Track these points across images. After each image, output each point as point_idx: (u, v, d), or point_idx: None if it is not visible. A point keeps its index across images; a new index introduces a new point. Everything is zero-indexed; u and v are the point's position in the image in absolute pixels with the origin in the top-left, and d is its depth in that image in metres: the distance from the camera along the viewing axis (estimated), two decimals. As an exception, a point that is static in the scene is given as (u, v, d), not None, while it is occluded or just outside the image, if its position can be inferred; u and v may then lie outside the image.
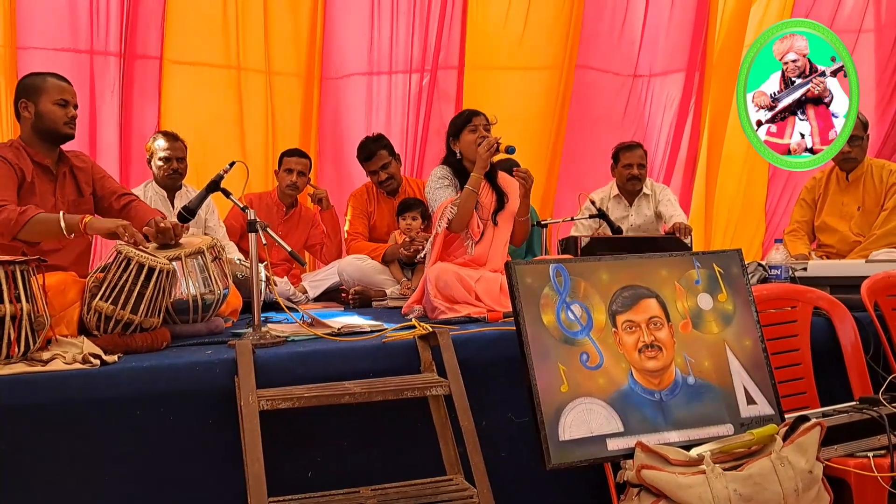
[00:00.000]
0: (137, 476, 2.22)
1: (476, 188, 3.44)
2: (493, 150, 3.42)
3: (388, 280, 4.39)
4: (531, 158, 5.75)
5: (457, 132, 3.60)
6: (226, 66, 5.35)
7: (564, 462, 1.98)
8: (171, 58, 5.15)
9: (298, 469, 2.38)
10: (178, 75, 5.20)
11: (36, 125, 3.01)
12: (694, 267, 2.29)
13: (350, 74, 5.64)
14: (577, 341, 2.09)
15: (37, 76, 3.09)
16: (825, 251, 4.39)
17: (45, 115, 3.00)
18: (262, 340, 2.53)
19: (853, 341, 2.83)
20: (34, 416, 2.14)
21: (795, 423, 2.06)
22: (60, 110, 3.01)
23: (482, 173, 3.46)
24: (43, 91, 3.01)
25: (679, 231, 4.37)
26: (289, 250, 2.84)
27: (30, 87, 3.03)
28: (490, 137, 3.46)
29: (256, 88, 5.43)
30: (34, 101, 3.00)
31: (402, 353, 2.55)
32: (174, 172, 4.30)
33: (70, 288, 2.66)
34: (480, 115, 3.59)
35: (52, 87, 3.02)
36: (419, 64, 5.70)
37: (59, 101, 3.01)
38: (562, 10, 5.89)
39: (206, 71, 5.31)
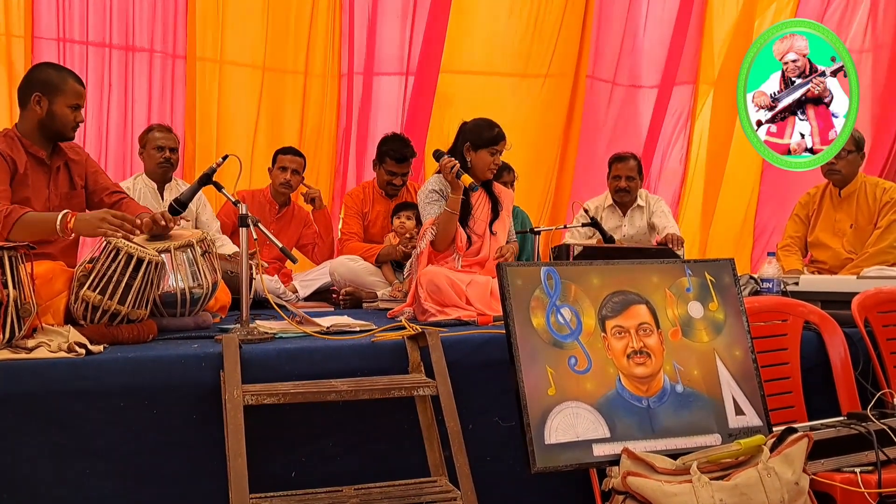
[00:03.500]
0: (119, 468, 2.20)
1: (455, 210, 3.41)
2: (451, 175, 3.38)
3: (380, 282, 4.38)
4: (529, 166, 5.76)
5: (477, 146, 3.50)
6: (239, 64, 5.37)
7: (549, 466, 1.97)
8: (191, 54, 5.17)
9: (282, 467, 2.36)
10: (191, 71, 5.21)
11: (44, 122, 2.96)
12: (685, 275, 2.28)
13: (351, 73, 5.64)
14: (566, 345, 2.08)
15: (56, 72, 3.03)
16: (817, 267, 4.39)
17: (58, 116, 2.96)
18: (250, 336, 2.52)
19: (843, 356, 2.83)
20: (16, 405, 2.12)
21: (783, 435, 2.06)
22: (72, 114, 2.99)
23: (459, 195, 3.41)
24: (61, 92, 2.96)
25: (671, 242, 4.38)
26: (280, 246, 2.82)
27: (48, 84, 2.97)
28: (450, 163, 3.38)
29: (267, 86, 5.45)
30: (49, 99, 2.95)
31: (391, 354, 2.54)
32: (165, 161, 4.31)
33: (58, 277, 2.64)
34: (505, 140, 3.52)
35: (70, 90, 2.98)
36: (413, 66, 5.70)
37: (74, 105, 2.99)
38: (566, 18, 5.90)
39: (215, 68, 5.31)
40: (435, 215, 3.46)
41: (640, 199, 4.92)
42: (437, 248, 3.48)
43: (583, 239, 4.77)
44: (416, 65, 5.69)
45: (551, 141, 6.05)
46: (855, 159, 4.30)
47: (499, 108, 5.71)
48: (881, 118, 6.09)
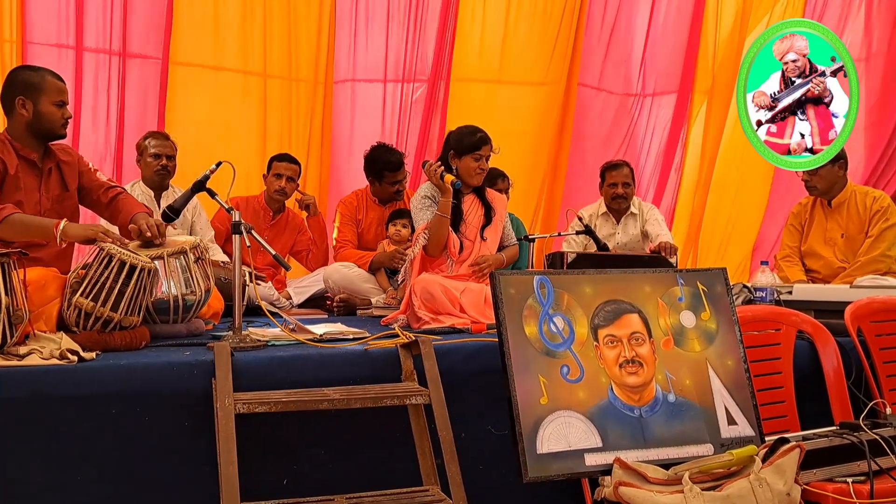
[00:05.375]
0: (111, 475, 2.19)
1: (445, 213, 3.42)
2: (436, 178, 3.42)
3: (374, 289, 4.38)
4: (523, 173, 5.76)
5: (461, 152, 3.52)
6: (232, 70, 5.37)
7: (542, 475, 1.96)
8: (176, 60, 5.17)
9: (274, 475, 2.35)
10: (181, 77, 5.20)
11: (33, 124, 2.96)
12: (677, 284, 2.28)
13: (340, 81, 5.65)
14: (559, 354, 2.08)
15: (33, 72, 3.03)
16: (811, 276, 4.39)
17: (45, 115, 2.96)
18: (242, 343, 2.51)
19: (835, 366, 2.83)
20: (8, 411, 2.11)
21: (775, 445, 2.06)
22: (58, 111, 2.99)
23: (449, 197, 3.43)
24: (43, 91, 2.96)
25: (664, 250, 4.38)
26: (273, 253, 2.81)
27: (28, 85, 2.97)
28: (432, 167, 3.44)
29: (257, 91, 5.45)
30: (33, 100, 2.95)
31: (384, 362, 2.53)
32: (162, 168, 4.30)
33: (51, 283, 2.63)
34: (488, 145, 3.53)
35: (51, 87, 2.98)
36: (410, 73, 5.70)
37: (58, 102, 2.99)
38: (560, 26, 5.92)
39: (209, 74, 5.32)
40: (427, 221, 3.47)
41: (633, 206, 4.93)
42: (429, 254, 3.48)
43: (578, 247, 4.77)
44: (416, 73, 5.71)
45: (546, 148, 6.06)
46: (832, 171, 4.26)
47: (496, 116, 5.75)
48: (876, 126, 6.10)
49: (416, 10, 5.65)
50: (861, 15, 6.07)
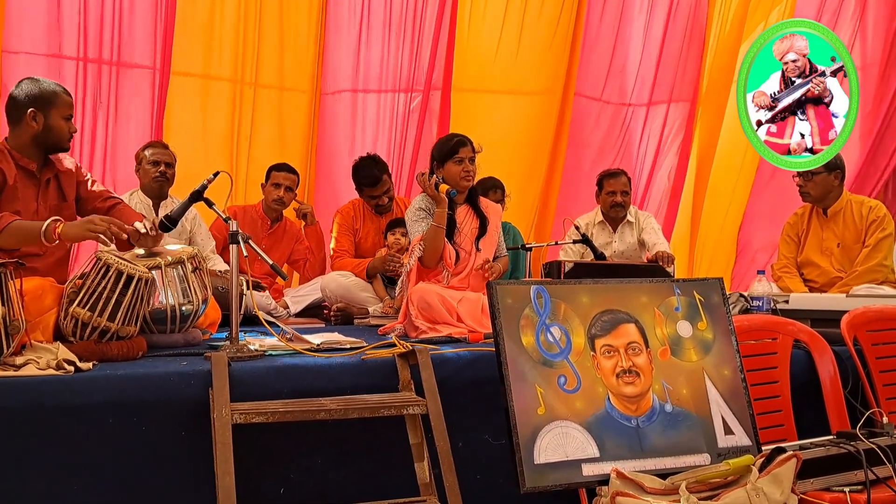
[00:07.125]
0: (108, 485, 2.18)
1: (441, 223, 3.42)
2: (431, 189, 3.42)
3: (371, 297, 4.38)
4: (519, 182, 5.77)
5: (442, 160, 3.51)
6: (227, 80, 5.37)
7: (539, 486, 1.96)
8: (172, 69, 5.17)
9: (271, 485, 2.35)
10: (175, 87, 5.20)
11: (40, 136, 2.96)
12: (674, 294, 2.29)
13: (339, 91, 5.65)
14: (556, 364, 2.08)
15: (45, 87, 3.02)
16: (808, 285, 4.40)
17: (55, 129, 2.97)
18: (239, 353, 2.50)
19: (832, 375, 2.84)
20: (4, 422, 2.11)
21: (772, 455, 2.06)
22: (66, 125, 3.01)
23: (445, 207, 3.43)
24: (54, 105, 2.97)
25: (661, 259, 4.39)
26: (270, 263, 2.81)
27: (41, 99, 2.96)
28: (426, 179, 3.45)
29: (250, 102, 5.45)
30: (45, 114, 2.95)
31: (381, 371, 2.53)
32: (161, 175, 4.30)
33: (47, 293, 2.63)
34: (467, 146, 3.50)
35: (63, 102, 3.00)
36: (407, 83, 5.72)
37: (67, 116, 3.01)
38: (556, 36, 5.94)
39: (203, 83, 5.32)
40: (422, 232, 3.46)
41: (629, 215, 4.94)
42: (425, 265, 3.47)
43: (575, 256, 4.78)
44: (413, 83, 5.72)
45: (542, 157, 6.07)
46: (826, 179, 4.25)
47: (493, 125, 5.77)
48: (870, 135, 6.11)
49: (412, 21, 5.66)
50: (855, 25, 6.09)
